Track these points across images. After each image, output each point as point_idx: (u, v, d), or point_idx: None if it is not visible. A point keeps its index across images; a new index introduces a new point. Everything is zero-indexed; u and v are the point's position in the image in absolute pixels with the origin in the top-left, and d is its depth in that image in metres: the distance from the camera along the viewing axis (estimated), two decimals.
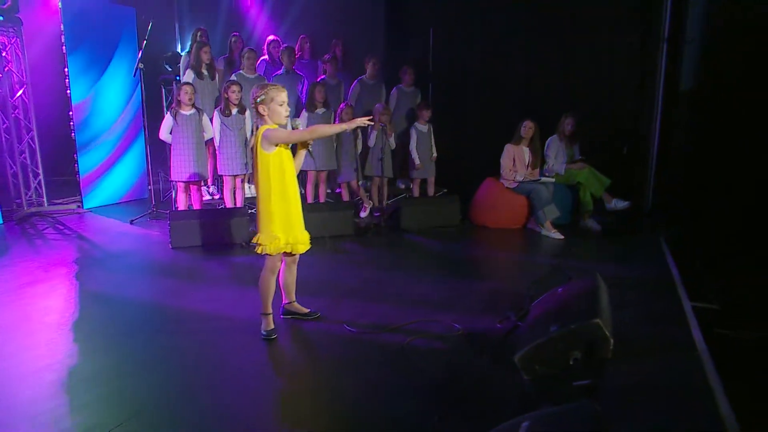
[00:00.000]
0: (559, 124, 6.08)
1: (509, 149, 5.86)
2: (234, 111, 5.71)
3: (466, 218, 6.11)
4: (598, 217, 5.86)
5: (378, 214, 6.25)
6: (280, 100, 2.98)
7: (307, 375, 2.74)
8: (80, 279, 4.24)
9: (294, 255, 3.22)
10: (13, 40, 6.47)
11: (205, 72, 6.16)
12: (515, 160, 5.84)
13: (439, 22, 7.19)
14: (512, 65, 7.04)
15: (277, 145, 2.95)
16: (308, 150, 3.12)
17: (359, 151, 6.33)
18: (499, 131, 6.19)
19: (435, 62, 7.16)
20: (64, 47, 6.64)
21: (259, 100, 3.00)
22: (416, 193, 6.64)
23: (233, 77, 6.16)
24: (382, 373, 2.68)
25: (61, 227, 6.07)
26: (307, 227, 3.24)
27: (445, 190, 6.86)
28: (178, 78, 6.62)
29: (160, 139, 5.69)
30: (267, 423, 2.26)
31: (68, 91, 6.69)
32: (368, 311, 3.48)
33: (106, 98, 7.14)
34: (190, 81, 5.94)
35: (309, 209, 5.45)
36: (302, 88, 6.70)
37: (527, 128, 5.79)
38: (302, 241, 3.13)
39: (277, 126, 3.01)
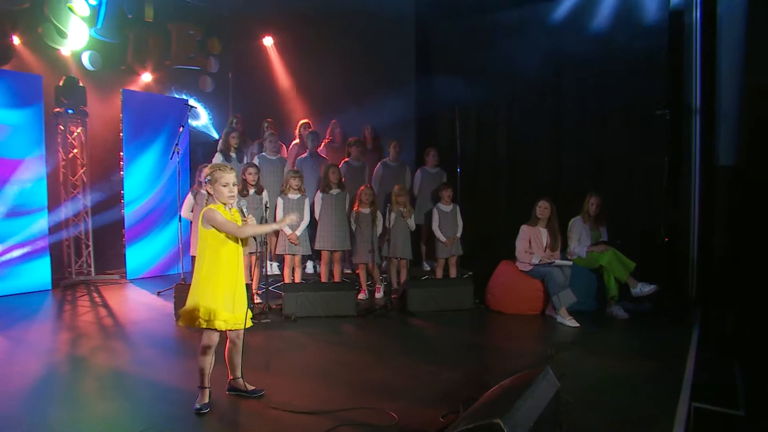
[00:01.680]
0: (583, 204, 5.85)
1: (524, 230, 5.68)
2: (251, 191, 6.05)
3: (482, 303, 5.88)
4: (630, 303, 5.45)
5: (395, 296, 6.19)
6: (224, 181, 3.15)
7: None
8: (71, 345, 4.52)
9: (235, 331, 3.26)
10: (78, 129, 7.41)
11: (233, 155, 6.65)
12: (531, 242, 5.62)
13: (466, 105, 7.33)
14: (539, 143, 6.97)
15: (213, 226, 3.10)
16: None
17: (378, 232, 6.38)
18: (527, 211, 6.03)
19: (462, 143, 7.22)
20: (121, 134, 7.49)
21: (206, 180, 3.20)
22: (439, 274, 6.55)
23: (255, 159, 6.60)
24: None
25: (96, 296, 6.54)
26: (309, 306, 3.32)
27: (470, 273, 6.69)
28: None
29: (183, 216, 6.13)
30: None
31: (121, 172, 7.47)
32: (316, 393, 3.40)
33: (155, 177, 7.83)
34: (218, 162, 6.43)
35: (312, 288, 5.59)
36: None
37: (542, 208, 5.62)
38: (229, 319, 3.13)
39: (222, 206, 3.17)
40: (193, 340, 4.56)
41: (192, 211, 6.03)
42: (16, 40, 7.09)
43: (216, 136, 9.09)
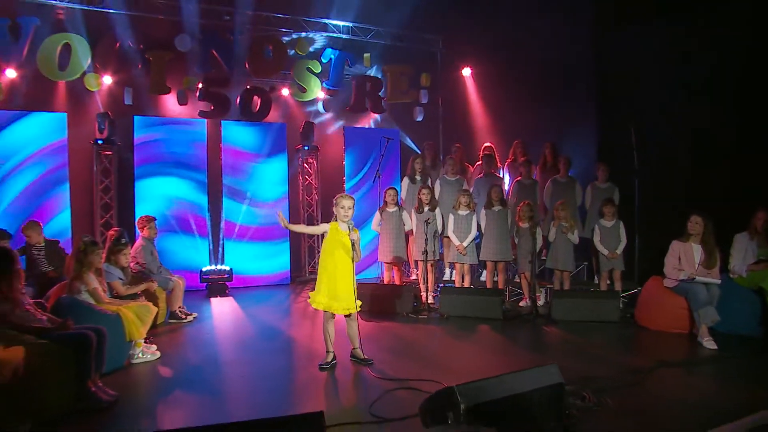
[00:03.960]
0: (752, 219, 5.59)
1: (674, 246, 5.72)
2: (426, 209, 7.34)
3: (632, 317, 6.06)
4: None
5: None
6: (341, 205, 4.55)
7: (323, 389, 4.06)
8: (284, 324, 6.45)
9: (349, 314, 4.58)
10: (311, 161, 9.78)
11: (417, 177, 8.05)
12: (681, 258, 5.64)
13: (642, 121, 7.38)
14: (719, 158, 6.65)
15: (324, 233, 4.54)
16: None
17: (539, 245, 7.02)
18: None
19: (639, 156, 7.29)
20: (344, 161, 9.62)
21: (334, 203, 4.64)
22: (603, 287, 6.87)
23: (437, 181, 7.88)
24: (361, 398, 3.80)
25: None
26: (461, 307, 4.71)
27: (639, 288, 6.78)
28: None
29: (372, 229, 7.76)
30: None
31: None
32: (408, 369, 4.49)
33: (365, 196, 9.72)
34: (405, 186, 7.95)
35: (465, 292, 6.64)
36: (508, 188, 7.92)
37: (693, 223, 5.59)
38: (339, 306, 4.48)
39: (336, 223, 4.56)
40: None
41: (379, 225, 7.61)
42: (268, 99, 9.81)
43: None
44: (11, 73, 8.09)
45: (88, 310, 4.51)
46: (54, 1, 8.29)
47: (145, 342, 4.83)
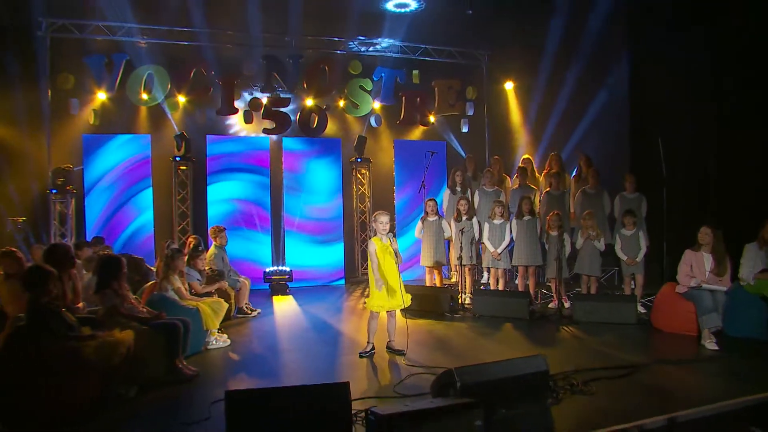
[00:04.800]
0: (761, 230, 6.09)
1: (687, 255, 6.29)
2: (464, 218, 8.16)
3: (648, 320, 6.67)
4: None
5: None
6: (380, 220, 5.49)
7: (360, 371, 5.01)
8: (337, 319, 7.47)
9: (389, 311, 5.52)
10: (364, 171, 10.79)
11: (458, 189, 8.86)
12: (693, 266, 6.21)
13: (669, 130, 7.89)
14: (746, 168, 7.09)
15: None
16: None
17: (567, 252, 7.70)
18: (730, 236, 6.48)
19: (668, 168, 7.79)
20: (393, 171, 10.57)
21: (373, 219, 5.59)
22: (627, 291, 7.49)
23: (476, 192, 8.69)
24: (389, 379, 4.74)
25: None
26: (491, 307, 6.02)
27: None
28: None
29: (416, 236, 8.66)
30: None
31: (395, 202, 10.55)
32: (433, 359, 5.37)
33: (413, 205, 10.61)
34: (447, 196, 8.81)
35: (495, 294, 7.46)
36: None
37: (703, 234, 6.15)
38: (395, 303, 5.43)
39: (378, 238, 5.49)
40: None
41: (421, 233, 8.47)
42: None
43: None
44: (106, 102, 9.63)
45: (173, 304, 5.66)
46: (140, 38, 9.73)
47: (218, 332, 5.96)
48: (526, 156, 9.45)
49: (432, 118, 11.31)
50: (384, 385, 4.68)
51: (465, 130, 11.58)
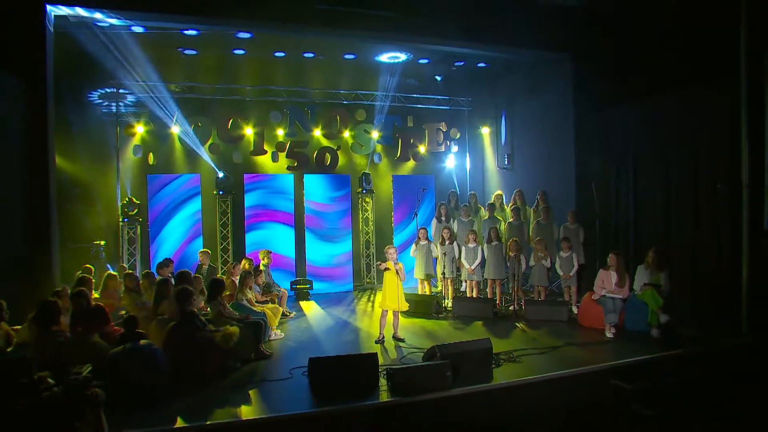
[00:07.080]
0: (646, 256, 9.13)
1: (600, 273, 9.32)
2: (447, 242, 11.14)
3: (575, 318, 9.71)
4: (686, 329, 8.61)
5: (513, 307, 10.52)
6: (389, 252, 8.47)
7: (378, 350, 7.97)
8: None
9: (399, 311, 8.52)
10: (368, 200, 13.79)
11: (442, 219, 11.86)
12: (603, 281, 9.24)
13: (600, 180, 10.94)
14: (651, 211, 10.17)
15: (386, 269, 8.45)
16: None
17: (523, 269, 10.71)
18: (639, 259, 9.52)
19: (601, 207, 10.82)
20: (392, 200, 13.57)
21: (385, 251, 8.59)
22: (566, 297, 10.52)
23: (454, 223, 11.70)
24: (395, 355, 7.74)
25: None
26: (466, 309, 9.53)
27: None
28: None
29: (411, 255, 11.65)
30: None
31: (393, 226, 13.55)
32: (423, 343, 8.33)
33: (406, 229, 13.61)
34: (434, 225, 11.83)
35: (468, 300, 10.45)
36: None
37: (611, 258, 9.18)
38: (396, 307, 8.41)
39: (390, 261, 8.47)
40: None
41: (415, 253, 11.44)
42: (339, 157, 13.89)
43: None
44: (163, 147, 12.63)
45: (247, 309, 8.60)
46: (194, 95, 12.72)
47: (277, 328, 8.91)
48: (498, 192, 12.49)
49: (422, 149, 14.38)
50: (393, 359, 7.65)
51: (451, 165, 14.62)
